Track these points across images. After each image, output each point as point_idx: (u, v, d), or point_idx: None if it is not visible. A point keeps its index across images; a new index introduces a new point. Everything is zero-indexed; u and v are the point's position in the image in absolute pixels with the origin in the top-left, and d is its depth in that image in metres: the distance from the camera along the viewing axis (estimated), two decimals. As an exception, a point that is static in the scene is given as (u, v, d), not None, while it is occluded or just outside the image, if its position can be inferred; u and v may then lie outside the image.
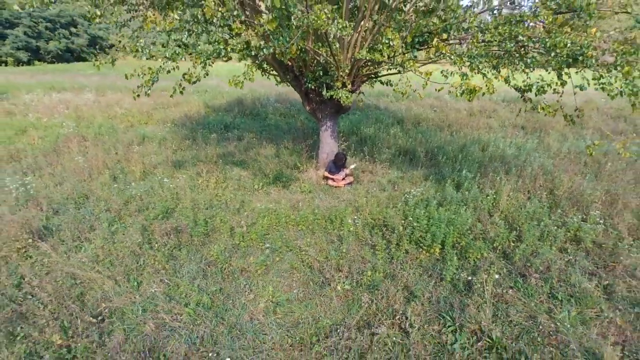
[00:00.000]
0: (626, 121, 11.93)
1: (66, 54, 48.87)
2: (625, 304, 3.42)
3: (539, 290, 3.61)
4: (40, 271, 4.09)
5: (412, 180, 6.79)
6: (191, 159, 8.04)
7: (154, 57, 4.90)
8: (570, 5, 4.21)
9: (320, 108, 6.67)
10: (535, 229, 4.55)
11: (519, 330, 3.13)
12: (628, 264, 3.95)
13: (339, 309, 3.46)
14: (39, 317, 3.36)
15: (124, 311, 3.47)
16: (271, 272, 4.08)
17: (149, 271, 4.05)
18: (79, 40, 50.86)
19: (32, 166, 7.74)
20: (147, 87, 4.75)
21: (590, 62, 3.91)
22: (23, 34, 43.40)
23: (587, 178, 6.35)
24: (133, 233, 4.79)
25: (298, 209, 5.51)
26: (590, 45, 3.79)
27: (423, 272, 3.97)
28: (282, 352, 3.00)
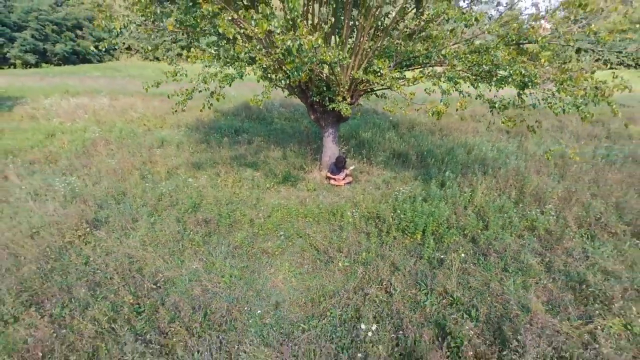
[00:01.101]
0: (603, 125, 12.96)
1: (72, 56, 49.87)
2: (559, 275, 4.46)
3: (495, 265, 4.65)
4: (101, 253, 5.13)
5: (403, 180, 7.83)
6: (208, 161, 9.08)
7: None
8: (524, 38, 5.24)
9: (323, 117, 7.71)
10: (500, 219, 5.59)
11: (475, 292, 4.17)
12: (568, 246, 4.99)
13: (340, 279, 4.50)
14: (110, 284, 4.41)
15: (174, 281, 4.51)
16: (286, 253, 5.12)
17: (189, 252, 5.10)
18: (85, 43, 51.83)
19: (69, 167, 8.77)
20: (183, 105, 5.76)
21: (537, 87, 4.93)
22: (31, 37, 44.41)
23: (553, 178, 7.39)
24: (170, 223, 5.84)
25: (305, 204, 6.55)
26: (537, 74, 4.81)
27: (407, 253, 5.02)
28: (297, 307, 4.04)
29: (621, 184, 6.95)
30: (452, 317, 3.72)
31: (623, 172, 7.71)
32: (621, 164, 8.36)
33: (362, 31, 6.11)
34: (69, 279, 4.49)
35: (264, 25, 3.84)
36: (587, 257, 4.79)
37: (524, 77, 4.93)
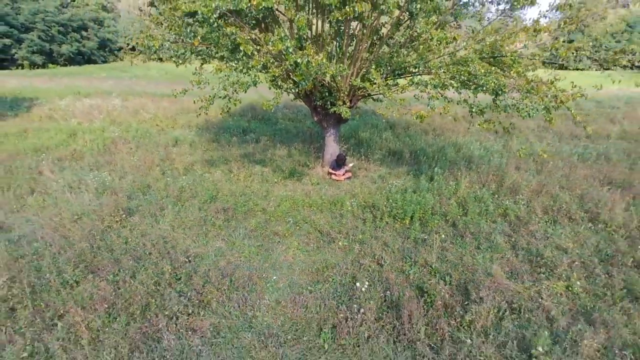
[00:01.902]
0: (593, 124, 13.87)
1: (77, 57, 50.80)
2: (522, 251, 5.38)
3: (470, 244, 5.57)
4: (137, 234, 6.05)
5: (397, 175, 8.75)
6: (220, 158, 10.01)
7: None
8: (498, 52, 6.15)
9: (325, 119, 8.63)
10: (478, 207, 6.52)
11: (450, 264, 5.08)
12: (533, 229, 5.91)
13: (340, 255, 5.43)
14: (150, 258, 5.33)
15: (202, 256, 5.43)
16: (294, 235, 6.05)
17: (212, 234, 6.03)
18: (90, 44, 52.76)
19: (95, 164, 9.70)
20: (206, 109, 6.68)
21: (505, 95, 5.85)
22: (37, 38, 45.31)
23: (530, 173, 8.32)
24: (193, 211, 6.77)
25: (310, 196, 7.47)
26: (505, 84, 5.72)
27: (396, 235, 5.94)
28: (305, 275, 4.97)
29: (588, 179, 7.87)
30: (430, 282, 4.64)
31: (593, 168, 8.63)
32: (593, 161, 9.29)
33: (361, 42, 7.03)
34: (115, 254, 5.41)
35: (279, 45, 4.76)
36: (547, 237, 5.71)
37: (496, 86, 5.85)
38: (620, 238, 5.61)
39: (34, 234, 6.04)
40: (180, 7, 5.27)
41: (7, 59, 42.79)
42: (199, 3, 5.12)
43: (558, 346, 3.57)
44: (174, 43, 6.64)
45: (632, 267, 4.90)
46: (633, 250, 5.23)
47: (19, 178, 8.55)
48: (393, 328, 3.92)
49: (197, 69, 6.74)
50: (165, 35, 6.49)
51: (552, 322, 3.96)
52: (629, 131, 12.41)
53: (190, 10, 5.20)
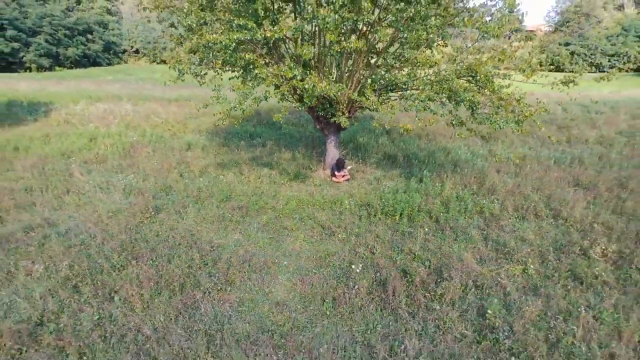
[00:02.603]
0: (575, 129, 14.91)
1: (83, 60, 51.88)
2: (491, 242, 6.43)
3: (449, 237, 6.61)
4: (166, 229, 7.09)
5: (391, 177, 9.80)
6: (231, 161, 11.05)
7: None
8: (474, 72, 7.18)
9: (326, 127, 9.67)
10: (458, 206, 7.56)
11: (431, 253, 6.12)
12: (503, 224, 6.95)
13: (339, 245, 6.47)
14: (180, 248, 6.37)
15: (224, 246, 6.47)
16: (301, 229, 7.09)
17: (230, 228, 7.07)
18: (95, 46, 53.87)
19: (118, 167, 10.74)
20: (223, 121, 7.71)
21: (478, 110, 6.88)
22: (45, 42, 46.41)
23: (509, 176, 9.36)
24: (212, 209, 7.82)
25: (313, 196, 8.52)
26: (479, 102, 6.76)
27: (387, 229, 6.99)
28: (311, 261, 6.01)
29: (559, 181, 8.92)
30: (412, 266, 5.68)
31: (565, 171, 9.67)
32: (567, 165, 10.33)
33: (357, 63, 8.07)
34: (150, 244, 6.46)
35: (289, 73, 5.81)
36: (514, 231, 6.76)
37: (472, 102, 6.89)
38: (575, 231, 6.66)
39: (78, 227, 7.09)
40: (206, 38, 6.31)
41: (16, 62, 43.87)
42: (222, 37, 6.16)
43: (505, 310, 4.62)
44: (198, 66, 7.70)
45: (579, 254, 5.94)
46: (582, 240, 6.27)
47: (54, 180, 9.60)
48: (380, 299, 4.97)
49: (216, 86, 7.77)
50: (191, 59, 7.54)
51: (506, 295, 5.00)
52: (606, 136, 13.45)
53: (215, 41, 6.24)
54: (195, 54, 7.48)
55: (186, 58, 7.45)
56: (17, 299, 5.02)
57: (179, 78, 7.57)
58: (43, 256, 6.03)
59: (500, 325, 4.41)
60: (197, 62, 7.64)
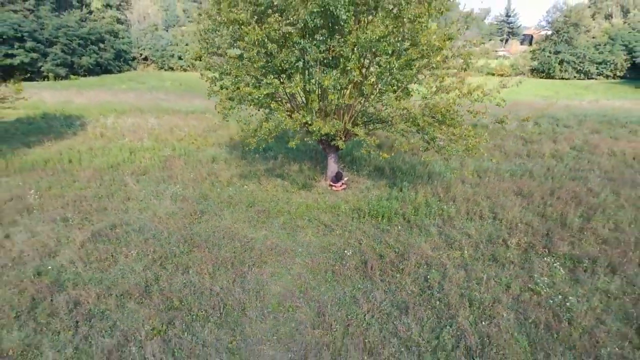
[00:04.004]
0: (537, 143, 17.56)
1: (96, 68, 54.51)
2: (444, 236, 9.08)
3: (415, 233, 9.28)
4: (211, 227, 9.76)
5: (378, 187, 12.47)
6: (250, 173, 13.72)
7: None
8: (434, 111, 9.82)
9: (328, 147, 12.34)
10: (426, 210, 10.23)
11: (401, 244, 8.78)
12: (456, 224, 9.62)
13: (337, 238, 9.15)
14: (227, 240, 9.02)
15: (255, 239, 9.14)
16: (309, 227, 9.76)
17: (258, 227, 9.75)
18: (106, 55, 56.52)
19: (160, 178, 13.41)
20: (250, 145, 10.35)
21: (439, 144, 9.55)
22: (60, 51, 49.03)
23: (470, 186, 12.03)
24: (242, 212, 10.49)
25: (317, 202, 11.19)
26: (436, 137, 9.41)
27: (372, 227, 9.66)
28: (318, 249, 8.69)
29: (506, 190, 11.59)
30: (386, 251, 8.35)
31: (514, 182, 12.34)
32: (519, 177, 13.00)
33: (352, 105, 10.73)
34: (202, 238, 9.13)
35: (303, 119, 8.50)
36: (462, 228, 9.43)
37: (431, 136, 9.56)
38: (505, 228, 9.34)
39: (146, 226, 9.77)
40: (243, 90, 8.99)
41: (34, 71, 46.48)
42: (255, 90, 8.85)
43: (441, 277, 7.30)
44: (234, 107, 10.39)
45: (501, 244, 8.62)
46: (507, 235, 8.94)
47: (113, 188, 12.29)
48: (363, 272, 7.65)
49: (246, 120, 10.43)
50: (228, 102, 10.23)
51: (445, 269, 7.67)
52: (560, 150, 16.11)
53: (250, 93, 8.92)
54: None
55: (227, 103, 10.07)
56: (125, 272, 7.71)
57: (224, 119, 10.23)
58: (131, 245, 8.72)
59: (436, 286, 7.09)
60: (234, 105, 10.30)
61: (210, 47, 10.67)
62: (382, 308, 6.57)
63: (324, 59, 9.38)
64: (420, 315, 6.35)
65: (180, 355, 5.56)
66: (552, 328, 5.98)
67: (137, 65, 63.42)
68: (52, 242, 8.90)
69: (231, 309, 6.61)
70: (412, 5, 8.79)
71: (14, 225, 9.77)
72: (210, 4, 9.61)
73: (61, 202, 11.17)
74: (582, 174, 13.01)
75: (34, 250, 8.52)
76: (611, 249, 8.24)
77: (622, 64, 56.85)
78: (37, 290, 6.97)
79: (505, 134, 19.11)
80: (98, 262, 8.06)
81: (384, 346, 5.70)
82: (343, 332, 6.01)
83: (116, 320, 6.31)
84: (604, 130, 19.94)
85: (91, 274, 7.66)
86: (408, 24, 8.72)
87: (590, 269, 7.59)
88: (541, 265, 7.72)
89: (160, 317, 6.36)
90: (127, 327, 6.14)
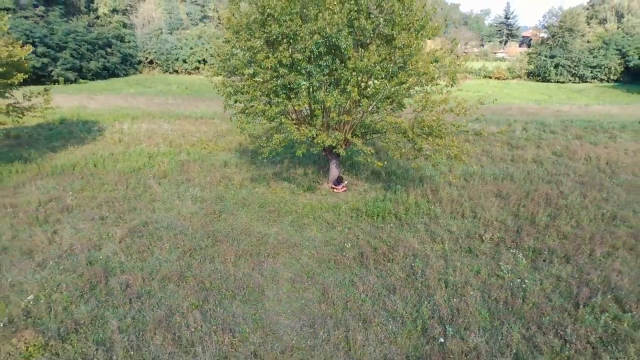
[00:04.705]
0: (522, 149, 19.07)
1: (103, 72, 56.11)
2: (430, 232, 10.62)
3: (405, 229, 10.82)
4: (229, 224, 11.29)
5: (375, 189, 14.01)
6: (259, 176, 15.27)
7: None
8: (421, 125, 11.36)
9: (330, 154, 13.89)
10: (415, 209, 11.77)
11: (392, 238, 10.32)
12: (441, 222, 11.16)
13: (338, 234, 10.69)
14: (244, 235, 10.57)
15: (269, 235, 10.69)
16: (314, 224, 11.30)
17: (270, 224, 11.30)
18: (113, 59, 58.11)
19: (178, 180, 14.97)
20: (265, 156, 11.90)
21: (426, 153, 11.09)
22: (70, 56, 50.62)
23: (456, 188, 13.57)
24: (255, 211, 12.04)
25: (321, 203, 12.73)
26: (422, 147, 10.94)
27: (368, 225, 11.20)
28: (322, 243, 10.23)
29: (487, 192, 13.12)
30: (379, 245, 9.88)
31: (496, 185, 13.87)
32: (501, 180, 14.53)
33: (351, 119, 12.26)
34: (223, 233, 10.67)
35: (309, 133, 10.05)
36: (446, 226, 10.97)
37: (419, 146, 11.10)
38: (482, 225, 10.87)
39: (173, 223, 11.32)
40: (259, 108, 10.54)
41: (45, 75, 48.07)
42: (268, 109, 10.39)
43: (424, 265, 8.84)
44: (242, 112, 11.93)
45: (477, 239, 10.15)
46: (483, 231, 10.47)
47: (139, 190, 13.85)
48: (360, 261, 9.19)
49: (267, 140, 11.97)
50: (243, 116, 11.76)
51: (428, 259, 9.21)
52: (542, 155, 17.64)
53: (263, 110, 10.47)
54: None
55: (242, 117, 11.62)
56: (161, 261, 9.26)
57: (241, 133, 11.79)
58: (163, 240, 10.26)
59: (419, 272, 8.63)
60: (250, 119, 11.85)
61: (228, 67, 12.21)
62: (375, 289, 8.11)
63: (327, 80, 10.92)
64: (405, 294, 7.90)
65: (215, 323, 7.10)
66: (509, 303, 7.52)
67: (142, 69, 65.03)
68: (95, 237, 10.46)
69: (252, 290, 8.16)
70: (402, 35, 10.34)
71: (58, 223, 11.33)
72: (229, 34, 11.14)
73: (95, 202, 12.72)
74: (557, 178, 14.56)
75: (81, 244, 10.07)
76: (569, 242, 9.79)
77: (616, 68, 58.29)
78: (92, 275, 8.52)
79: (495, 139, 20.67)
80: (137, 254, 9.62)
81: (375, 317, 7.24)
82: (343, 307, 7.55)
83: (161, 298, 7.86)
84: (586, 136, 21.48)
85: (133, 263, 9.21)
86: (399, 52, 10.26)
87: (548, 259, 9.14)
88: (508, 256, 9.26)
89: (196, 295, 7.91)
90: (170, 303, 7.68)
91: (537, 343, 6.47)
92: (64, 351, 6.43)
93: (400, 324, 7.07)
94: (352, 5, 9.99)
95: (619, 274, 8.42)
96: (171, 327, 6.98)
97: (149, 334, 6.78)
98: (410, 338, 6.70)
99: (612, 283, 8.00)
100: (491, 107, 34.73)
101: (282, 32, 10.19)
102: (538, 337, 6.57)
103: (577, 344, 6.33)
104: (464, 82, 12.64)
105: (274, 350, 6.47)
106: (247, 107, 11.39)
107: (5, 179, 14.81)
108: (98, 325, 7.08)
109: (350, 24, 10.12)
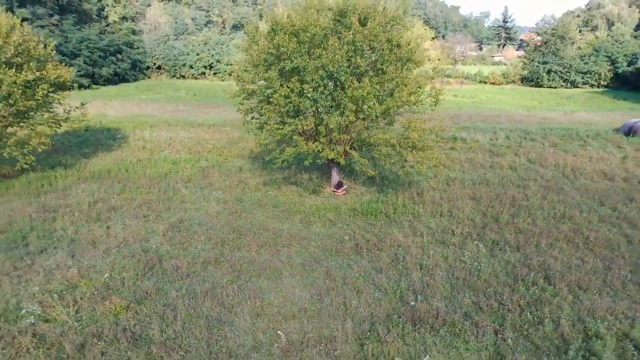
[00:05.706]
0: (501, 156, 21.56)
1: (114, 78, 58.66)
2: (413, 229, 13.13)
3: (393, 226, 13.33)
4: (249, 221, 13.80)
5: (370, 192, 16.53)
6: (271, 181, 17.80)
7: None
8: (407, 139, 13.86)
9: (332, 163, 16.39)
10: (402, 210, 14.28)
11: (382, 233, 12.83)
12: (423, 220, 13.67)
13: (339, 230, 13.20)
14: (262, 230, 13.09)
15: (282, 230, 13.20)
16: (319, 222, 13.81)
17: (283, 221, 13.81)
18: (123, 65, 60.68)
19: (202, 184, 17.49)
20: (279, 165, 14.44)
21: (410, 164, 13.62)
22: (83, 63, 53.21)
23: (438, 192, 16.07)
24: (270, 211, 14.57)
25: (324, 204, 15.24)
26: (407, 159, 13.46)
27: (363, 222, 13.72)
28: (325, 237, 12.74)
29: (464, 195, 15.63)
30: (371, 238, 12.39)
31: (473, 189, 16.36)
32: (477, 184, 17.02)
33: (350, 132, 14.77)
34: (246, 228, 13.18)
35: (316, 148, 12.56)
36: (426, 223, 13.47)
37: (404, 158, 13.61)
38: (455, 222, 13.38)
39: (204, 220, 13.84)
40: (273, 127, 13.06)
41: (61, 82, 50.57)
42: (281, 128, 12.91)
43: (404, 252, 11.36)
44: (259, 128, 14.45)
45: (450, 233, 12.65)
46: (455, 227, 12.97)
47: (169, 193, 16.39)
48: (355, 251, 11.70)
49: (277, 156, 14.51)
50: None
51: (408, 249, 11.71)
52: (517, 162, 20.13)
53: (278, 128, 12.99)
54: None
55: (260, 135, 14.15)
56: (199, 250, 11.77)
57: (259, 147, 14.32)
58: (198, 233, 12.77)
59: (401, 259, 11.14)
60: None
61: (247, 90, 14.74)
62: (366, 270, 10.63)
63: (329, 105, 13.46)
64: (389, 274, 10.41)
65: (248, 292, 9.61)
66: (467, 280, 10.03)
67: (150, 74, 67.60)
68: (142, 231, 12.99)
69: (273, 271, 10.67)
70: (390, 68, 12.86)
71: (109, 220, 13.86)
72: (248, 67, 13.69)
73: (135, 203, 15.25)
74: (526, 183, 17.08)
75: (133, 237, 12.59)
76: (522, 236, 12.30)
77: (606, 74, 60.76)
78: (149, 260, 11.04)
79: (478, 147, 23.18)
80: (179, 244, 12.14)
81: (366, 289, 9.74)
82: (342, 282, 10.06)
83: (204, 276, 10.38)
84: (561, 143, 23.96)
85: (177, 251, 11.73)
86: (387, 83, 12.79)
87: (503, 249, 11.65)
88: (472, 246, 11.77)
89: (231, 275, 10.43)
90: (212, 279, 10.20)
91: (481, 305, 8.99)
92: (142, 311, 8.95)
93: (384, 294, 9.59)
94: (349, 46, 12.52)
95: (555, 259, 10.92)
96: (216, 295, 9.51)
97: (200, 300, 9.31)
98: (391, 303, 9.22)
99: (547, 265, 10.51)
100: (482, 114, 37.39)
101: (293, 66, 12.71)
102: (482, 302, 9.09)
103: (509, 306, 8.85)
104: (459, 87, 15.18)
105: (292, 310, 9.00)
106: (262, 125, 13.93)
107: (53, 183, 17.35)
108: (162, 295, 9.60)
109: (349, 61, 12.65)
